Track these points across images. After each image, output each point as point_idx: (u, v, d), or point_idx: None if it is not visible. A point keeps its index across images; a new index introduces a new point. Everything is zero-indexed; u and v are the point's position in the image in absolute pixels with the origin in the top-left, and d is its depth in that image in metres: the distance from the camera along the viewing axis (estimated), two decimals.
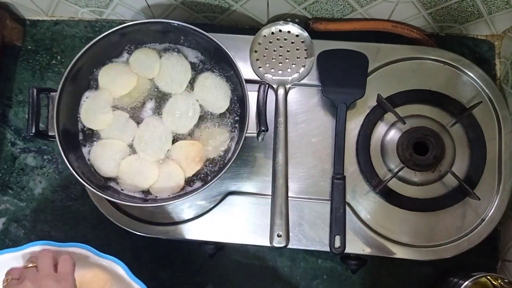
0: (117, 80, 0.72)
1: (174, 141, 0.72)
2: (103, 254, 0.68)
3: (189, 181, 0.71)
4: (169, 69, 0.73)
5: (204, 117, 0.72)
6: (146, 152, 0.71)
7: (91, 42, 0.68)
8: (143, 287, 0.66)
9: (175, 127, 0.72)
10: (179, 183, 0.70)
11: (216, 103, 0.72)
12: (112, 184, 0.71)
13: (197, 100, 0.72)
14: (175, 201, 0.67)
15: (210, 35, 0.68)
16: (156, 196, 0.70)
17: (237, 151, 0.66)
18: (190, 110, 0.72)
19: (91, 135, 0.72)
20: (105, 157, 0.71)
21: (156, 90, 0.73)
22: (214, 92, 0.72)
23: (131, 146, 0.71)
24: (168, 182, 0.70)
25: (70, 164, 0.65)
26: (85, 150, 0.71)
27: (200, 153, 0.71)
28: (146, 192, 0.71)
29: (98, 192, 0.65)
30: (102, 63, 0.73)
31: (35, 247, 0.67)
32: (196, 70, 0.74)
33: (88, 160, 0.71)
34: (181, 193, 0.70)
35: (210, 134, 0.71)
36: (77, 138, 0.71)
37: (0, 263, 0.66)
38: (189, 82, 0.73)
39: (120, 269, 0.67)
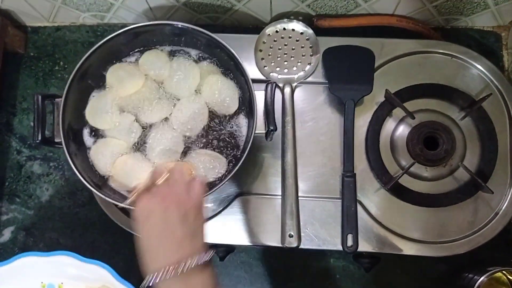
0: (125, 80, 0.71)
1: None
2: (88, 259, 0.69)
3: None
4: (179, 72, 0.72)
5: (213, 118, 0.71)
6: (160, 158, 0.69)
7: (94, 47, 0.67)
8: None
9: (184, 130, 0.70)
10: None
11: (225, 104, 0.71)
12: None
13: (206, 103, 0.71)
14: None
15: (214, 36, 0.67)
16: None
17: (246, 153, 0.65)
18: (199, 113, 0.71)
19: (96, 135, 0.71)
20: (104, 155, 0.69)
21: (163, 92, 0.72)
22: (223, 94, 0.71)
23: (133, 147, 0.70)
24: None
25: (78, 171, 0.64)
26: (88, 150, 0.70)
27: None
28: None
29: (108, 199, 0.64)
30: (105, 67, 0.72)
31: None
32: (203, 72, 0.73)
33: (90, 159, 0.70)
34: None
35: (206, 159, 0.69)
36: (82, 137, 0.70)
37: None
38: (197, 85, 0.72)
39: (108, 274, 0.68)
